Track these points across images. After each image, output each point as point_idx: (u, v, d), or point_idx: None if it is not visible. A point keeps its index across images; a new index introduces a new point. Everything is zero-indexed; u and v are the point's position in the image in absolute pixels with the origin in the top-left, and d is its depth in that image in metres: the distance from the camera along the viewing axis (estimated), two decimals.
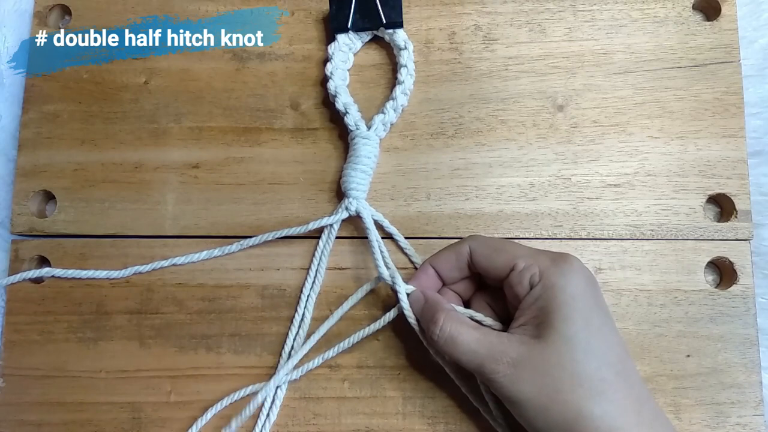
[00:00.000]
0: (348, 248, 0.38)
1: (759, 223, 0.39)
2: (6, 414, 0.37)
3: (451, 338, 0.31)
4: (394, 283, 0.34)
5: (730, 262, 0.37)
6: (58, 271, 0.38)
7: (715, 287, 0.38)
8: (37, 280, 0.39)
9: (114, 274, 0.38)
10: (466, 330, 0.31)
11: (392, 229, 0.38)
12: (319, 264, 0.37)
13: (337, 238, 0.38)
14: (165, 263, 0.38)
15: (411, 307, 0.34)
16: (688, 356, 0.37)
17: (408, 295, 0.34)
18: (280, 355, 0.37)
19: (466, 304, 0.35)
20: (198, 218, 0.39)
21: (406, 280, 0.34)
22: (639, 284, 0.37)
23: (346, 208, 0.37)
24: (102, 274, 0.38)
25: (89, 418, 0.37)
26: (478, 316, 0.33)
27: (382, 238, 0.37)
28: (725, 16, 0.39)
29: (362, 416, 0.36)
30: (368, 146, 0.37)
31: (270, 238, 0.37)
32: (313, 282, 0.37)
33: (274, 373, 0.36)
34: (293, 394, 0.37)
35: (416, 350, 0.37)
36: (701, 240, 0.38)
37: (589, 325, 0.29)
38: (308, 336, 0.36)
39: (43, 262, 0.39)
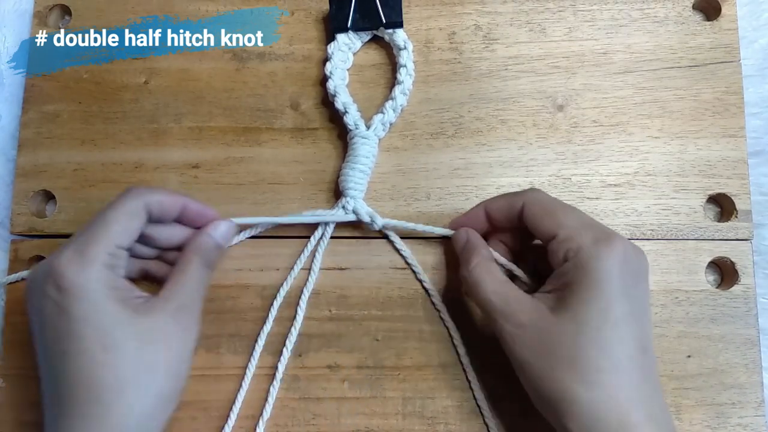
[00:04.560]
0: (348, 248, 0.38)
1: (759, 222, 0.39)
2: (6, 414, 0.37)
3: (476, 283, 0.32)
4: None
5: (731, 262, 0.37)
6: None
7: (716, 287, 0.37)
8: None
9: None
10: (491, 279, 0.32)
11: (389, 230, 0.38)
12: (312, 262, 0.37)
13: (336, 238, 0.38)
14: None
15: (454, 244, 0.35)
16: (689, 357, 0.36)
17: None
18: (253, 348, 0.37)
19: (516, 255, 0.35)
20: None
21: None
22: None
23: (344, 207, 0.37)
24: None
25: None
26: (515, 269, 0.34)
27: (379, 237, 0.37)
28: (725, 16, 0.39)
29: (362, 416, 0.36)
30: (367, 146, 0.37)
31: (269, 225, 0.37)
32: (306, 280, 0.37)
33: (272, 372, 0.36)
34: (293, 394, 0.37)
35: (416, 350, 0.37)
36: (702, 240, 0.38)
37: (606, 314, 0.28)
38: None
39: None
